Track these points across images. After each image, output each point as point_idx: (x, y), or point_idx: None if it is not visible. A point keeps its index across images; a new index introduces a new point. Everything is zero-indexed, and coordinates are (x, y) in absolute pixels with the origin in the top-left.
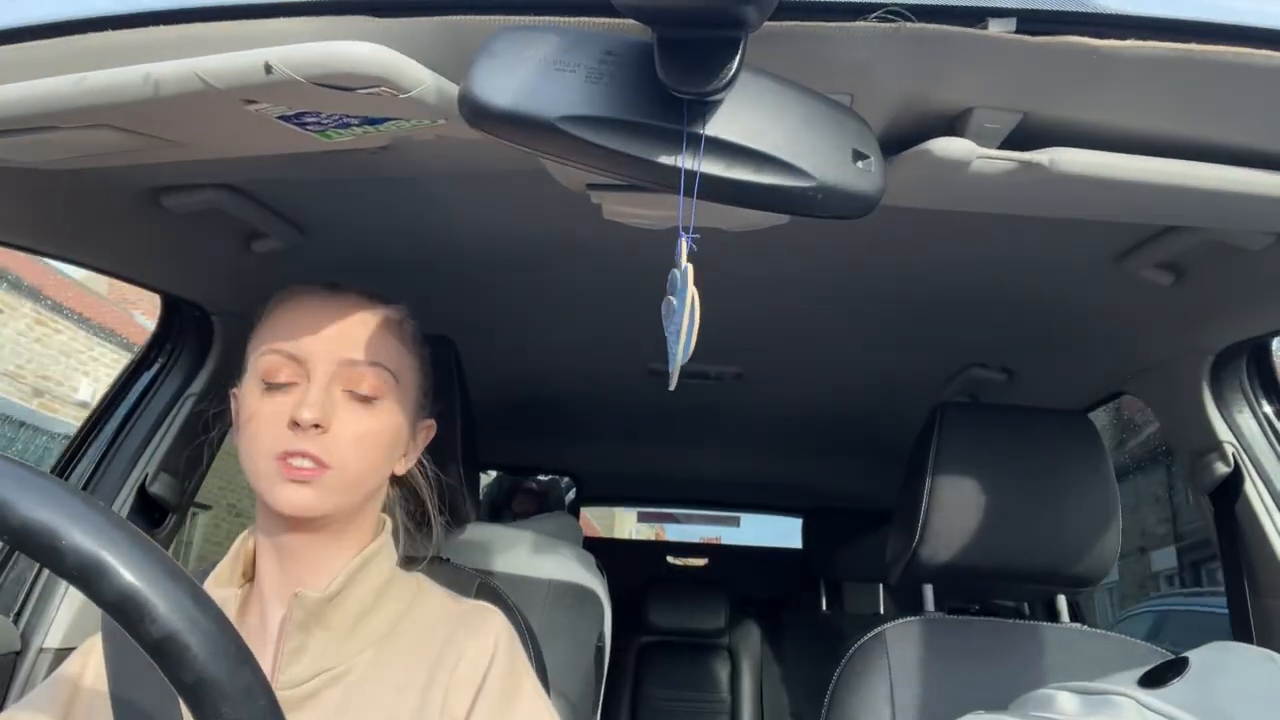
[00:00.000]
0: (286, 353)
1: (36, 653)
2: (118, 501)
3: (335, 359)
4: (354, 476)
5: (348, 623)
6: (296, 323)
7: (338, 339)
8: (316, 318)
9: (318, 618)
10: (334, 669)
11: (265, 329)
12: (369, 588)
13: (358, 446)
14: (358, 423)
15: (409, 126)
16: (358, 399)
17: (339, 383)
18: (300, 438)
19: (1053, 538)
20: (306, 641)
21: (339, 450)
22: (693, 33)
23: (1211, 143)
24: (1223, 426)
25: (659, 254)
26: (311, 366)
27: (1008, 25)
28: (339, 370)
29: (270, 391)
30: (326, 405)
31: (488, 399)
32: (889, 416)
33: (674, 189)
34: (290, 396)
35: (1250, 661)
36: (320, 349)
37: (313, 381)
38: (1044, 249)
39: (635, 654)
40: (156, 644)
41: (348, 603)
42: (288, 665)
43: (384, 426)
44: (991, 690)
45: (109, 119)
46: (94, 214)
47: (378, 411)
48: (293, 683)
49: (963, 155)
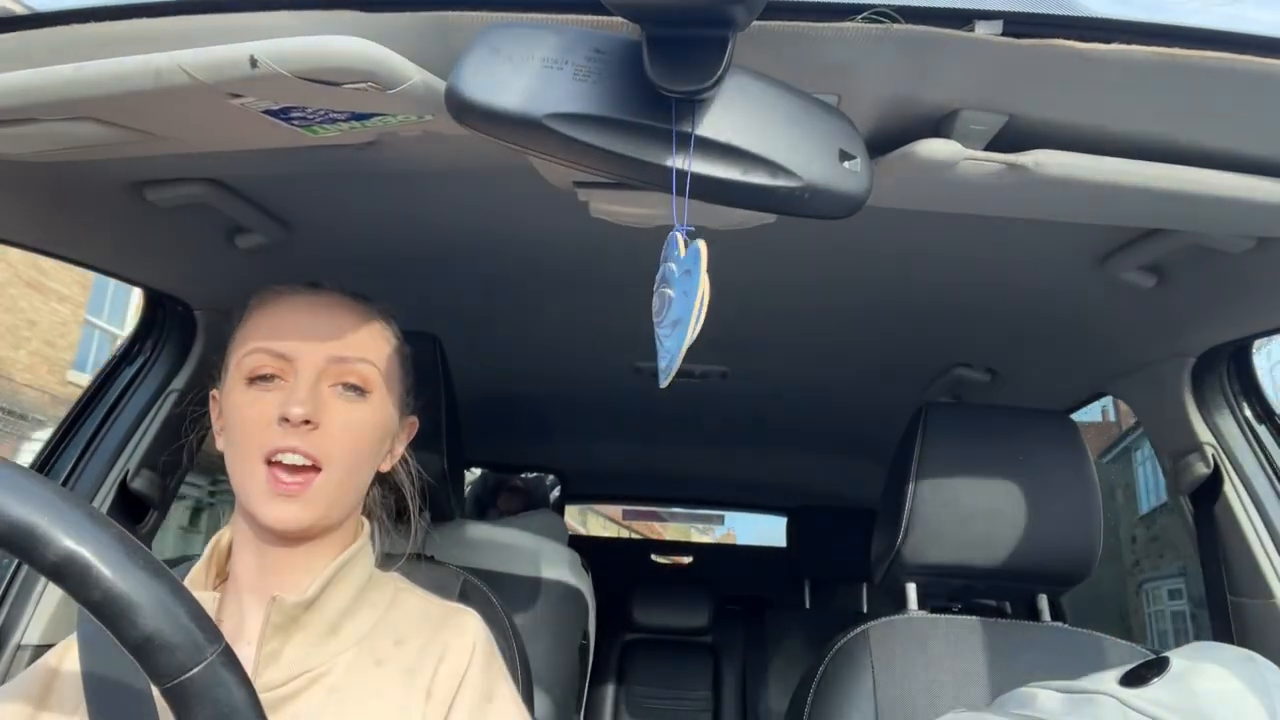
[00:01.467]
0: (272, 351)
1: (14, 650)
2: (99, 498)
3: (322, 355)
4: (343, 474)
5: (326, 625)
6: (281, 321)
7: (323, 336)
8: (300, 316)
9: (296, 621)
10: (312, 671)
11: (248, 329)
12: (347, 590)
13: (348, 442)
14: (347, 419)
15: (396, 122)
16: (346, 395)
17: (326, 379)
18: (290, 434)
19: (1035, 537)
20: (285, 644)
21: (329, 446)
22: (681, 31)
23: (1194, 146)
24: (1203, 428)
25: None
26: (298, 363)
27: (994, 28)
28: (327, 366)
29: (257, 391)
30: (315, 401)
31: (473, 396)
32: (874, 416)
33: (662, 187)
34: (278, 394)
35: (1230, 661)
36: (306, 345)
37: (301, 377)
38: (1028, 250)
39: (619, 652)
40: (97, 605)
41: (326, 606)
42: (265, 668)
43: (372, 422)
44: (974, 688)
45: (92, 111)
46: (77, 207)
47: (365, 407)
48: (271, 685)
49: (949, 156)
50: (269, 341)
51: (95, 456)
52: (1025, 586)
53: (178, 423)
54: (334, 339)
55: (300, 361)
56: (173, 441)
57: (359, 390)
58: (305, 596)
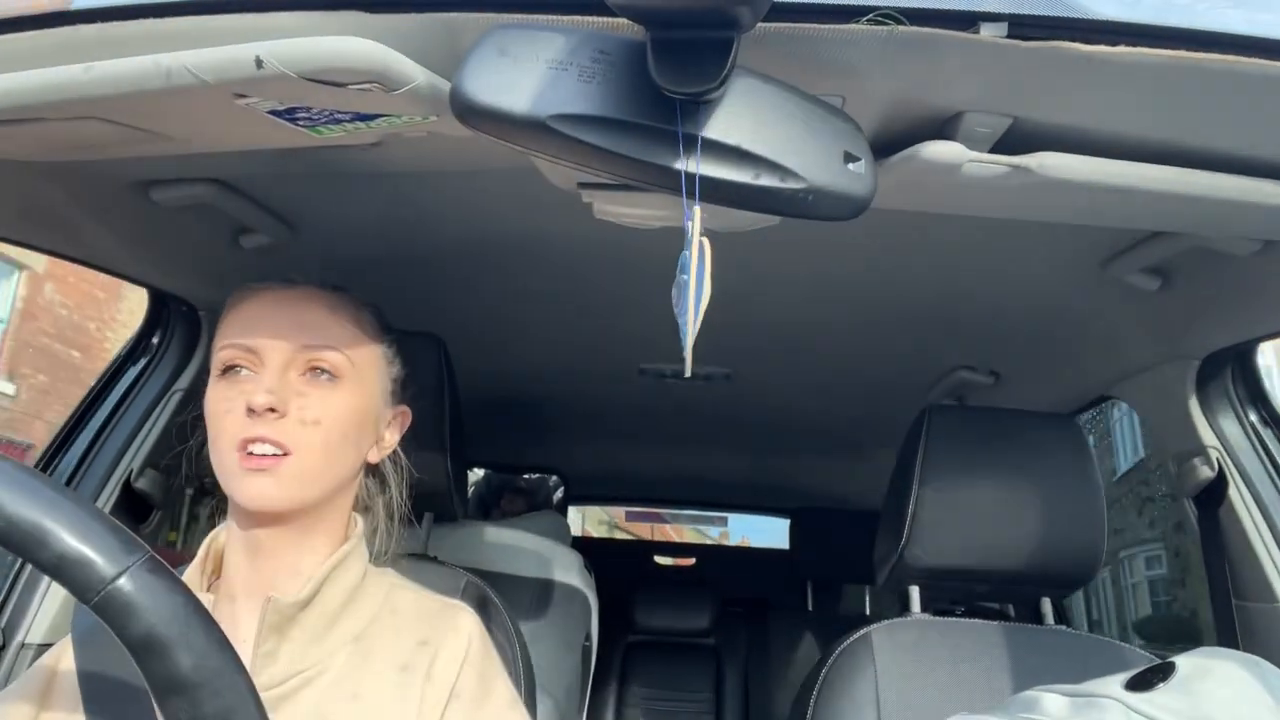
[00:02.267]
0: (240, 344)
1: (17, 649)
2: (102, 497)
3: (289, 345)
4: (315, 460)
5: (321, 625)
6: (250, 315)
7: (290, 326)
8: (269, 309)
9: (291, 621)
10: (308, 670)
11: (223, 326)
12: (341, 590)
13: (315, 429)
14: (314, 407)
15: (400, 123)
16: (314, 382)
17: (294, 369)
18: (257, 423)
19: (1039, 540)
20: (280, 644)
21: (296, 434)
22: (686, 33)
23: (1200, 149)
24: (1208, 431)
25: (650, 253)
26: (265, 354)
27: (999, 30)
28: (294, 356)
29: (228, 383)
30: (281, 390)
31: (476, 396)
32: (877, 418)
33: (667, 189)
34: (247, 385)
35: (1236, 666)
36: (272, 337)
37: (266, 368)
38: (1032, 253)
39: (621, 653)
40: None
41: (320, 605)
42: (262, 668)
43: (342, 410)
44: (977, 692)
45: (98, 111)
46: (82, 207)
47: (335, 394)
48: (267, 685)
49: (953, 158)
50: (238, 336)
51: (99, 456)
52: (1029, 589)
53: (182, 423)
54: (301, 329)
55: (266, 353)
56: (177, 441)
57: (328, 376)
58: (300, 597)
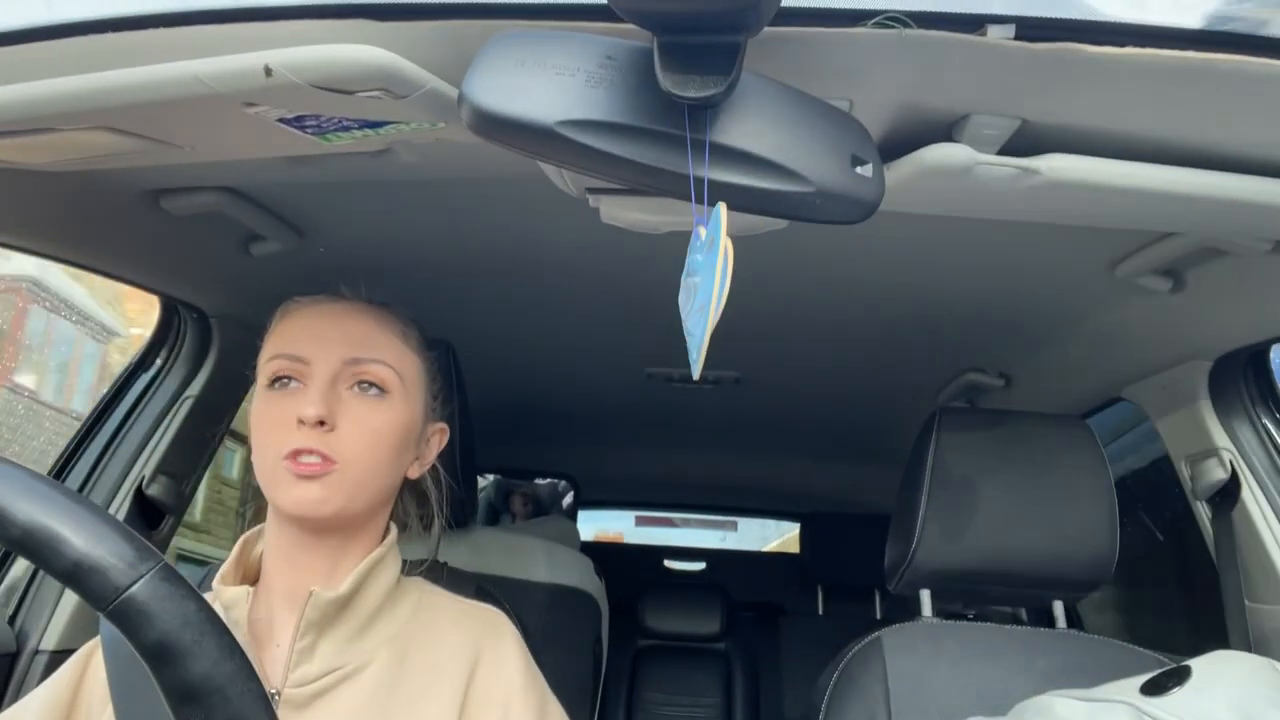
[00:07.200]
0: (290, 355)
1: (32, 655)
2: (114, 504)
3: (338, 358)
4: (361, 473)
5: (359, 623)
6: (299, 327)
7: (340, 339)
8: (319, 322)
9: (331, 617)
10: (345, 668)
11: (272, 338)
12: (379, 590)
13: (363, 442)
14: (363, 419)
15: (409, 130)
16: (362, 396)
17: (343, 381)
18: (307, 435)
19: (1051, 543)
20: (318, 640)
21: (344, 446)
22: (693, 38)
23: (1209, 150)
24: (1220, 433)
25: (657, 258)
26: (314, 366)
27: (1006, 32)
28: (342, 369)
29: (276, 395)
30: (330, 402)
31: (486, 402)
32: (887, 421)
33: (676, 193)
34: (295, 397)
35: (1252, 670)
36: (322, 349)
37: (315, 380)
38: (1041, 254)
39: (631, 658)
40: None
41: (359, 603)
42: (299, 664)
43: (390, 423)
44: (989, 696)
45: (109, 121)
46: (94, 216)
47: (382, 408)
48: (304, 680)
49: (961, 161)
50: (287, 347)
51: (111, 463)
52: (1040, 593)
53: (193, 429)
54: (349, 342)
55: (316, 365)
56: (188, 448)
57: (377, 390)
58: (340, 592)
